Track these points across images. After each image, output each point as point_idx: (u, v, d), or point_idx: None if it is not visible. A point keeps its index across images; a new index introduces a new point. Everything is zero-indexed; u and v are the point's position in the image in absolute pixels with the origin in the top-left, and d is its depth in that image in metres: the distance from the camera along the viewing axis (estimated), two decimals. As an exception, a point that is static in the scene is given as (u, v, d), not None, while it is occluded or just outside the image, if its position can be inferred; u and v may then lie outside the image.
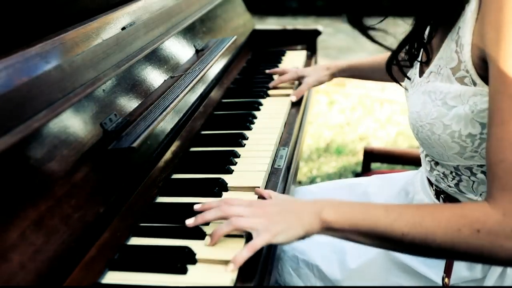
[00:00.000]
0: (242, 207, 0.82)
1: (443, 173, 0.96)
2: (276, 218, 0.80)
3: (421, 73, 0.97)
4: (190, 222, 0.83)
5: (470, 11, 0.80)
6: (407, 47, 0.99)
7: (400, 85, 1.05)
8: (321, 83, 1.52)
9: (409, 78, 1.02)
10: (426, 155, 1.00)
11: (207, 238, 0.82)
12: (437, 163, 0.97)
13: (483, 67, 0.79)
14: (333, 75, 1.53)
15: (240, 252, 0.76)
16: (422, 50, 0.99)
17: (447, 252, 0.76)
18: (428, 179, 1.05)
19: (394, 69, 1.02)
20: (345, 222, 0.79)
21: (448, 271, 0.96)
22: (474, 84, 0.81)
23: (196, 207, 0.86)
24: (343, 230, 0.80)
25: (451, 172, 0.94)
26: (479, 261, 0.84)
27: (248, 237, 0.81)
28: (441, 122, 0.86)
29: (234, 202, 0.84)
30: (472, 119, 0.82)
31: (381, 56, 1.46)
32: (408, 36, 0.98)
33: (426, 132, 0.89)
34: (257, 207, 0.82)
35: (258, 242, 0.77)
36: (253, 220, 0.79)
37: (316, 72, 1.52)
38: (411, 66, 1.02)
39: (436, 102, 0.87)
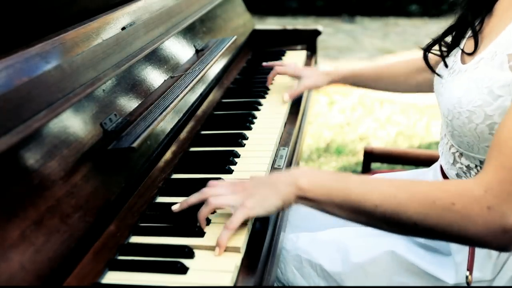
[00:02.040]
0: (223, 187, 0.85)
1: (467, 166, 0.94)
2: (252, 192, 0.82)
3: (463, 60, 0.96)
4: (175, 207, 0.87)
5: None
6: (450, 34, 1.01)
7: (434, 71, 1.05)
8: (318, 87, 1.48)
9: (446, 65, 1.01)
10: (451, 146, 0.98)
11: (207, 237, 0.82)
12: (462, 155, 0.95)
13: None
14: (332, 81, 1.47)
15: (220, 234, 0.79)
16: (464, 38, 0.99)
17: (418, 226, 0.75)
18: (444, 175, 1.04)
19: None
20: (319, 191, 0.80)
21: (471, 268, 0.94)
22: None
23: (174, 207, 0.88)
24: (317, 200, 0.80)
25: (476, 166, 0.92)
26: (448, 238, 0.81)
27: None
28: (483, 111, 0.84)
29: (216, 184, 0.87)
30: None
31: (385, 65, 1.43)
32: (457, 22, 0.98)
33: (463, 120, 0.87)
34: (236, 185, 0.85)
35: (235, 220, 0.80)
36: (230, 197, 0.83)
37: (315, 75, 1.47)
38: (448, 54, 1.02)
39: (482, 89, 0.85)
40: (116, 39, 1.08)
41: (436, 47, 1.06)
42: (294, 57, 1.91)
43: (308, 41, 2.03)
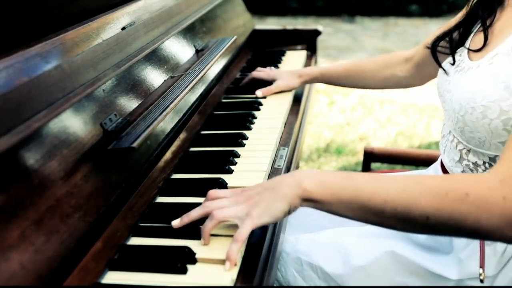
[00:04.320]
0: (225, 198, 0.82)
1: (474, 163, 0.94)
2: (256, 200, 0.78)
3: (470, 57, 0.97)
4: (176, 223, 0.83)
5: None
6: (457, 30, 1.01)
7: (440, 66, 1.05)
8: (291, 88, 1.51)
9: (454, 61, 1.02)
10: (458, 143, 0.97)
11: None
12: (469, 152, 0.94)
13: None
14: (305, 82, 1.52)
15: (230, 247, 0.76)
16: (470, 35, 0.99)
17: (430, 221, 0.72)
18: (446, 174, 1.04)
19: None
20: (325, 191, 0.76)
21: (483, 265, 0.92)
22: None
23: (174, 223, 0.84)
24: (323, 200, 0.77)
25: (484, 163, 0.91)
26: (462, 231, 0.76)
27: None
28: (498, 106, 0.83)
29: (218, 194, 0.84)
30: None
31: (353, 63, 1.49)
32: (466, 18, 0.99)
33: (476, 115, 0.87)
34: (238, 195, 0.82)
35: (243, 231, 0.76)
36: (235, 208, 0.79)
37: (289, 77, 1.51)
38: (454, 50, 1.02)
39: (498, 84, 0.84)
40: (116, 39, 1.08)
41: (442, 43, 1.06)
42: (294, 57, 1.91)
43: (308, 41, 2.03)
